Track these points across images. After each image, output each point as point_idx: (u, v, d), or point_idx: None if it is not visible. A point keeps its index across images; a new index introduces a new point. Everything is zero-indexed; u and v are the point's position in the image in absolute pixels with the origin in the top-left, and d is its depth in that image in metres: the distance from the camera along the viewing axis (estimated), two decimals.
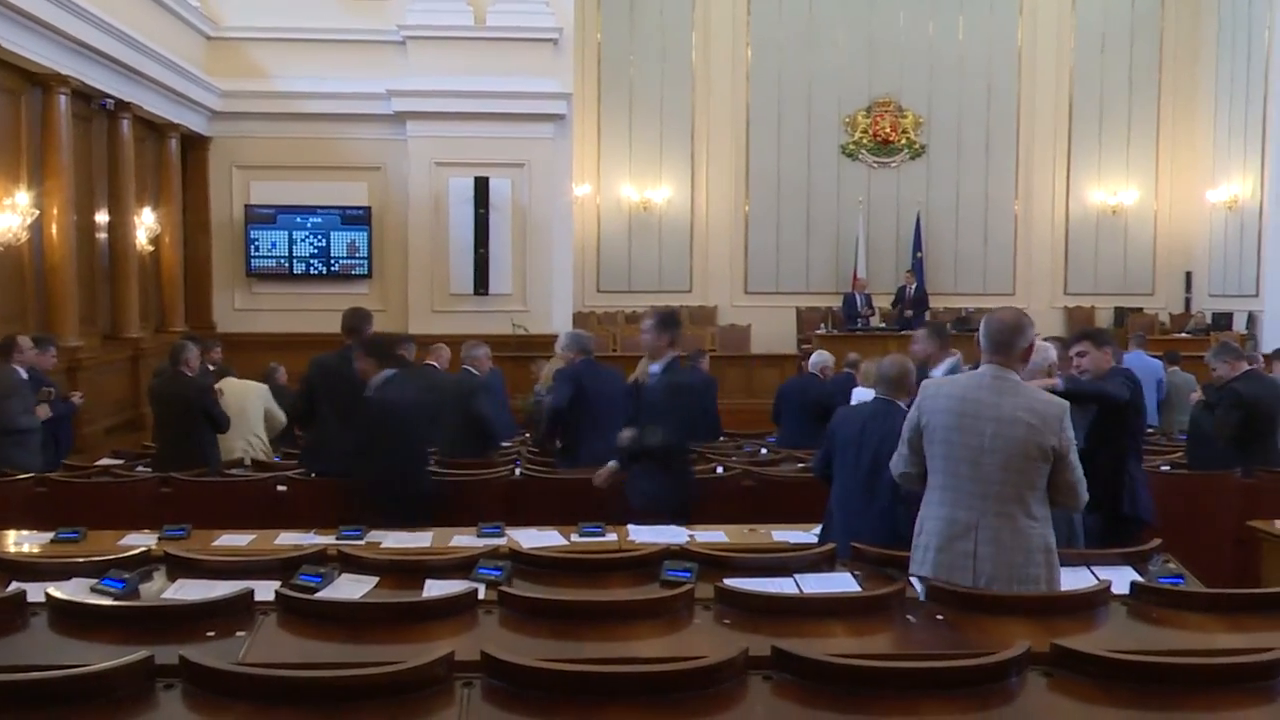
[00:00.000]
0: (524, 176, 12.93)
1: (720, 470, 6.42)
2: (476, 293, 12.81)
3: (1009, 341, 3.53)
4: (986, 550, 3.43)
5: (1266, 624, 3.23)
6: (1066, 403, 3.54)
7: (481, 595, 3.36)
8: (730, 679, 2.54)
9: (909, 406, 4.33)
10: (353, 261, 12.99)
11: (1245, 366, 6.56)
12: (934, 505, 3.55)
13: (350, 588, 3.58)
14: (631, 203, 16.26)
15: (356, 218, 12.96)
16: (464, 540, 4.59)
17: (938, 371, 5.91)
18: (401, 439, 5.46)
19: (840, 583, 3.66)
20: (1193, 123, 16.48)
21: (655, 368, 5.45)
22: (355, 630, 3.11)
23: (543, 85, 12.76)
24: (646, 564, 3.79)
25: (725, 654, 2.55)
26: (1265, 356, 9.05)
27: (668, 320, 5.54)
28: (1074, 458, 3.47)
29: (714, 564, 3.77)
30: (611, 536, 4.77)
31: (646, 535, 4.73)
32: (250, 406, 7.55)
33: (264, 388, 7.87)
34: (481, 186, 12.69)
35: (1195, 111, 16.45)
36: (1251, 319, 14.86)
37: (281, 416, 7.70)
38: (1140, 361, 8.99)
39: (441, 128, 12.75)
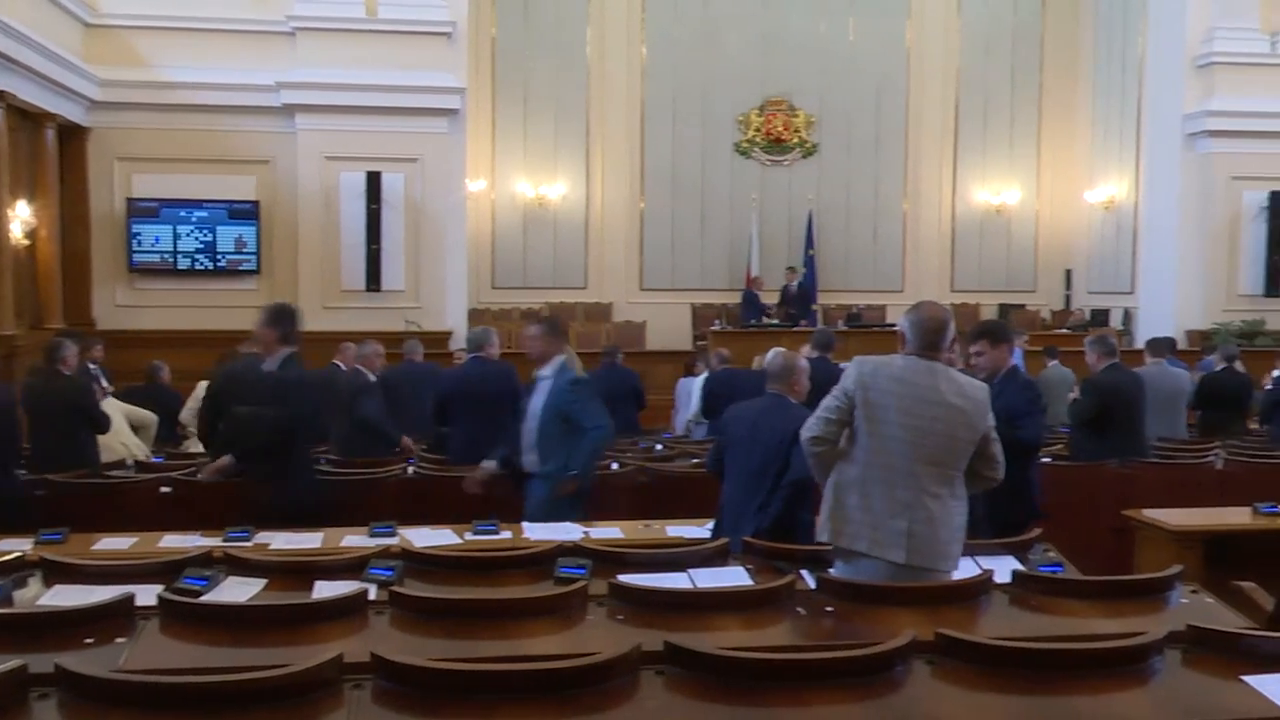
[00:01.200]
0: (417, 171, 12.79)
1: (615, 466, 6.44)
2: (368, 289, 12.64)
3: (938, 342, 3.68)
4: (920, 529, 3.54)
5: (1140, 609, 3.36)
6: (987, 388, 3.74)
7: (373, 596, 3.31)
8: (623, 675, 2.55)
9: (797, 402, 4.40)
10: (240, 257, 12.70)
11: (1110, 360, 6.80)
12: (866, 482, 3.60)
13: (237, 590, 3.49)
14: (526, 199, 16.18)
15: (244, 212, 12.67)
16: (355, 540, 4.52)
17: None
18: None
19: (733, 577, 3.70)
20: (1071, 125, 17.02)
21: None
22: (241, 634, 3.04)
23: (436, 79, 12.63)
24: (540, 561, 3.78)
25: (618, 650, 2.56)
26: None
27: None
28: (995, 434, 3.67)
29: (608, 560, 3.78)
30: (506, 534, 4.75)
31: (541, 532, 4.72)
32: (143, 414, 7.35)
33: (111, 402, 7.57)
34: (373, 181, 12.52)
35: (1074, 114, 17.00)
36: (1128, 315, 15.41)
37: (145, 415, 7.51)
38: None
39: (332, 121, 12.53)
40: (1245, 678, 2.66)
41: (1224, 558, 4.94)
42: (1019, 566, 3.74)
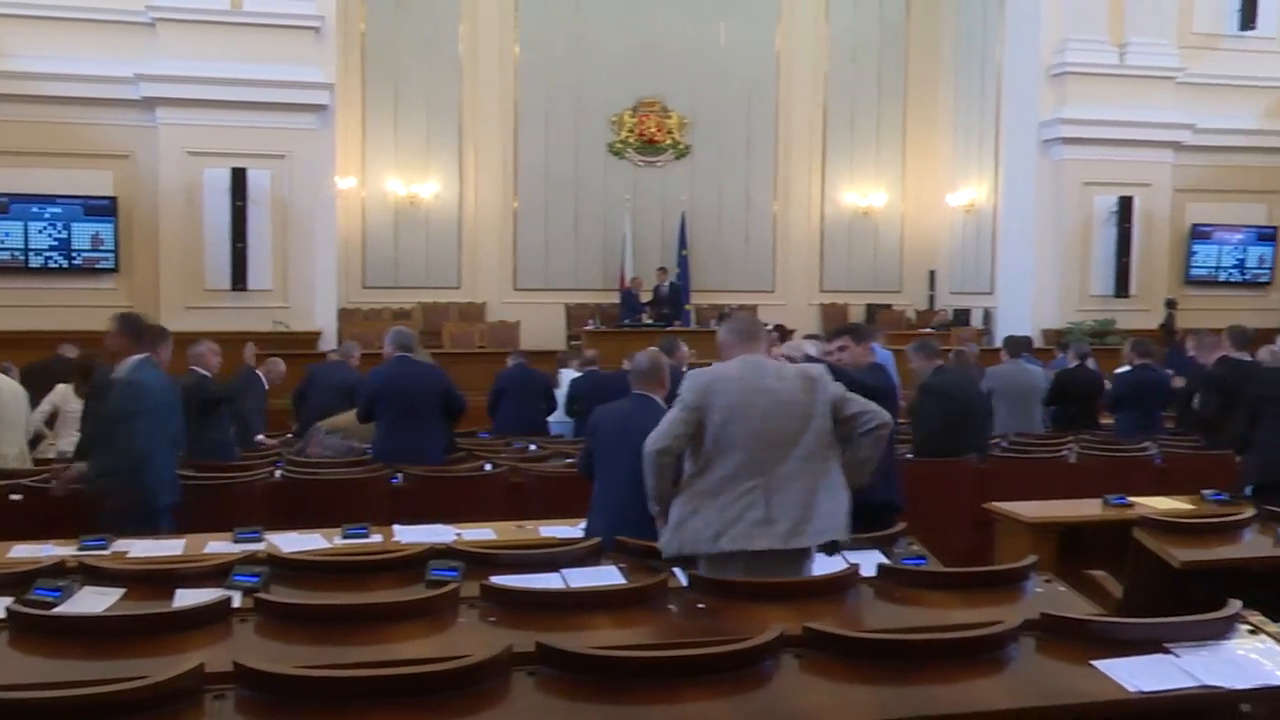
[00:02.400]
0: (284, 168, 12.49)
1: (489, 467, 6.40)
2: (234, 288, 12.29)
3: (755, 332, 3.89)
4: (787, 513, 3.67)
5: (997, 599, 3.47)
6: (824, 367, 3.95)
7: (237, 603, 3.23)
8: (495, 677, 2.54)
9: (666, 401, 4.44)
10: (97, 255, 12.23)
11: (936, 363, 7.00)
12: (726, 481, 3.70)
13: (93, 601, 3.37)
14: (398, 197, 15.96)
15: (101, 208, 12.20)
16: (219, 547, 4.40)
17: None
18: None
19: (606, 576, 3.71)
20: (934, 130, 17.53)
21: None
22: (98, 646, 2.92)
23: (303, 74, 12.35)
24: (411, 564, 3.73)
25: (489, 652, 2.55)
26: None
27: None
28: (851, 395, 3.80)
29: (481, 562, 3.76)
30: (377, 538, 4.68)
31: (412, 535, 4.67)
32: (15, 410, 6.96)
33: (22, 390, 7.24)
34: (239, 178, 12.18)
35: (936, 120, 17.51)
36: (988, 315, 15.94)
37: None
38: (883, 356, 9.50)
39: (195, 115, 12.14)
40: (1095, 662, 2.77)
41: (1077, 548, 5.14)
42: (884, 560, 3.84)
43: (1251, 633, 3.02)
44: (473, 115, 16.13)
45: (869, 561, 3.77)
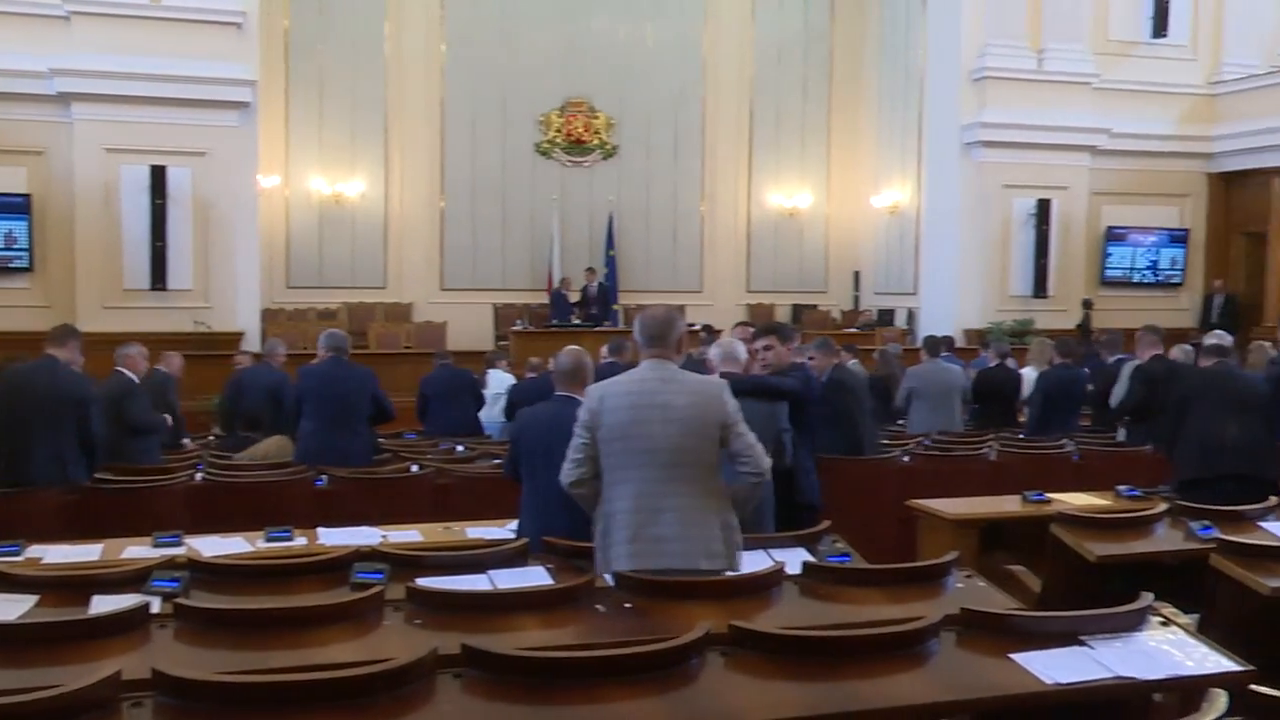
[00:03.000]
0: (206, 166, 12.29)
1: (415, 469, 6.35)
2: (154, 288, 12.07)
3: (664, 333, 3.79)
4: (674, 531, 3.64)
5: (920, 594, 3.52)
6: (725, 382, 3.87)
7: (156, 609, 3.16)
8: (419, 679, 2.52)
9: None
10: (10, 254, 11.92)
11: (834, 360, 7.11)
12: (620, 499, 3.70)
13: (5, 608, 3.27)
14: (323, 196, 15.75)
15: (14, 206, 11.89)
16: (138, 551, 4.31)
17: None
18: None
19: (533, 576, 3.70)
20: (858, 132, 17.73)
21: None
22: (10, 654, 2.84)
23: (225, 70, 12.17)
24: (335, 567, 3.69)
25: (414, 654, 2.53)
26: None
27: None
28: (742, 427, 3.74)
29: (406, 564, 3.72)
30: (301, 541, 4.62)
31: (337, 538, 4.62)
32: None
33: None
34: (158, 175, 11.98)
35: (861, 122, 17.72)
36: (911, 315, 16.17)
37: None
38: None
39: (112, 111, 11.91)
40: (1013, 655, 2.82)
41: (997, 543, 5.25)
42: (809, 558, 3.88)
43: (1163, 624, 3.10)
44: (398, 114, 15.98)
45: (794, 559, 3.80)
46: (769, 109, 17.50)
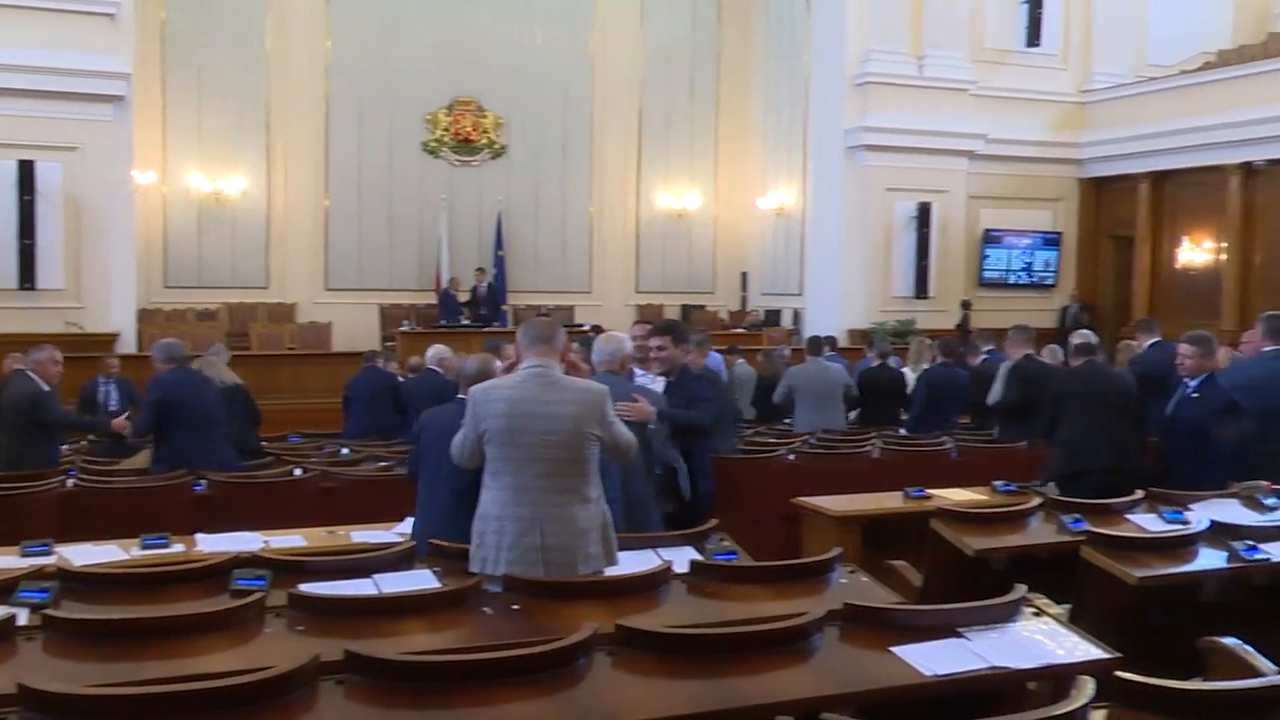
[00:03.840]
0: (77, 161, 11.88)
1: (299, 472, 6.23)
2: (22, 288, 11.61)
3: (550, 336, 3.80)
4: (553, 541, 3.62)
5: (805, 590, 3.58)
6: (606, 387, 3.86)
7: (23, 621, 3.05)
8: (300, 687, 2.47)
9: None
10: None
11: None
12: (498, 505, 3.67)
13: None
14: (202, 193, 15.32)
15: None
16: (4, 562, 4.14)
17: None
18: None
19: (419, 580, 3.66)
20: (746, 135, 17.94)
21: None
22: None
23: (98, 63, 11.77)
24: (214, 574, 3.59)
25: (295, 662, 2.48)
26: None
27: None
28: (616, 431, 3.78)
29: (289, 569, 3.64)
30: (178, 548, 4.50)
31: (216, 544, 4.50)
32: None
33: None
34: (26, 171, 11.53)
35: (748, 124, 17.92)
36: (797, 315, 16.42)
37: None
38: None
39: None
40: (894, 648, 2.90)
41: (880, 539, 5.35)
42: (697, 556, 3.91)
43: (1036, 615, 3.21)
44: (282, 110, 15.64)
45: (682, 558, 3.83)
46: (658, 111, 17.60)
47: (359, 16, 15.89)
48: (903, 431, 8.43)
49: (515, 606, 3.35)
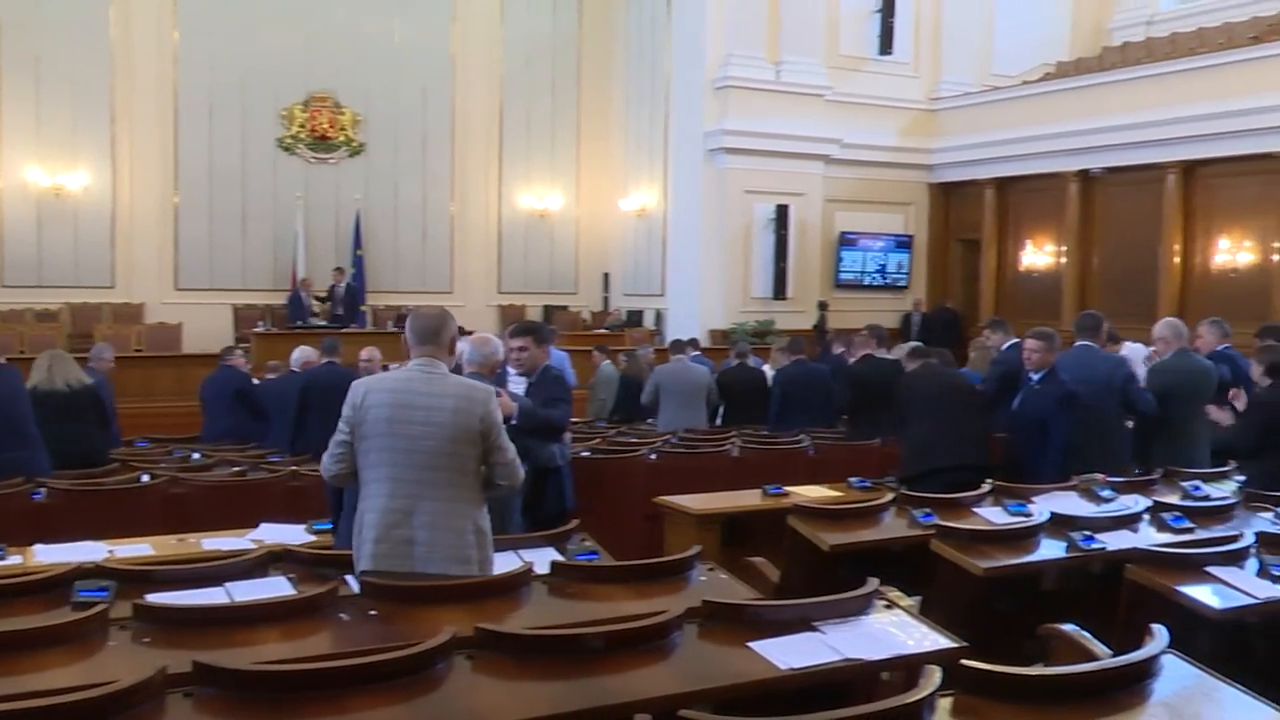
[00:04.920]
0: None
1: (146, 478, 6.00)
2: None
3: (438, 330, 3.76)
4: (424, 535, 3.57)
5: (665, 589, 3.61)
6: (493, 388, 3.85)
7: None
8: (145, 701, 2.39)
9: None
10: None
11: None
12: (372, 498, 3.63)
13: None
14: (41, 188, 14.67)
15: None
16: None
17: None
18: None
19: (274, 587, 3.57)
20: (607, 136, 18.01)
21: None
22: None
23: None
24: (54, 586, 3.44)
25: (139, 676, 2.40)
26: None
27: None
28: (504, 440, 3.72)
29: (135, 580, 3.51)
30: (15, 559, 4.29)
31: (57, 555, 4.31)
32: None
33: None
34: None
35: (609, 125, 17.99)
36: (659, 316, 16.56)
37: None
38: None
39: None
40: (751, 644, 2.95)
41: (739, 536, 5.43)
42: (558, 557, 3.91)
43: (887, 607, 3.30)
44: (126, 103, 15.06)
45: (542, 559, 3.83)
46: (519, 110, 17.52)
47: (208, 7, 15.42)
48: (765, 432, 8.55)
49: (373, 612, 3.30)
